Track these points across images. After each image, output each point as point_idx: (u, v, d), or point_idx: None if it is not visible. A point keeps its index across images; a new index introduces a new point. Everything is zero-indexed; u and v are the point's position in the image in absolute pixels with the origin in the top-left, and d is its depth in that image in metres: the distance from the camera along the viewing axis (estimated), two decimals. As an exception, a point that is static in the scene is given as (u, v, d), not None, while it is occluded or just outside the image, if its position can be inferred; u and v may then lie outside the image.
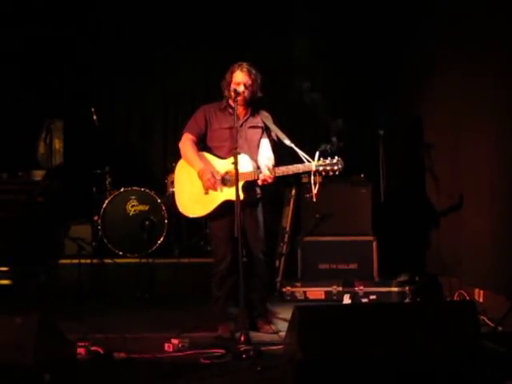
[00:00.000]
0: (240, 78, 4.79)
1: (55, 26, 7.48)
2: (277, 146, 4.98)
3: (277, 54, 7.58)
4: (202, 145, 4.95)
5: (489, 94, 5.23)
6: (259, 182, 4.69)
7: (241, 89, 4.74)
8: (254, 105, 4.92)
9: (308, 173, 4.76)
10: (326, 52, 7.58)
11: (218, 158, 4.82)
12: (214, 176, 4.71)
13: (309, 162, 4.65)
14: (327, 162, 4.62)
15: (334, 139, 6.41)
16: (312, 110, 6.81)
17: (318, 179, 4.67)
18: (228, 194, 4.69)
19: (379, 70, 7.47)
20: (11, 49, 7.37)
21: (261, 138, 4.92)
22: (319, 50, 7.54)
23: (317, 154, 4.64)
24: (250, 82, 4.79)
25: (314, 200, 4.74)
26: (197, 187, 4.78)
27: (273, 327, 4.90)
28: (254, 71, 4.82)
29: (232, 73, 4.83)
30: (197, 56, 7.79)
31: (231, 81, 4.81)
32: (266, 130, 4.94)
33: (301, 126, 7.55)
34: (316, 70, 7.41)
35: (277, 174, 4.65)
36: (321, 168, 4.61)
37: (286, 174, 4.67)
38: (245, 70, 4.80)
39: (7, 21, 7.32)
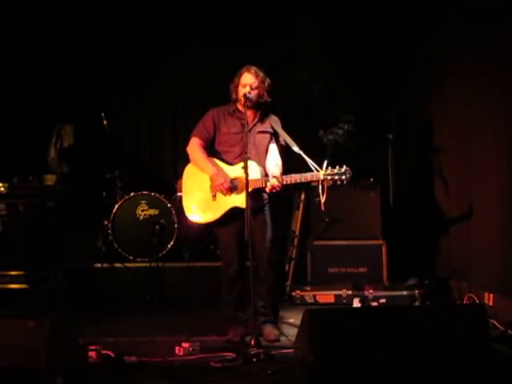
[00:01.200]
0: (246, 80, 4.78)
1: (65, 31, 7.53)
2: (285, 151, 4.96)
3: (288, 54, 7.62)
4: (210, 149, 4.92)
5: (499, 98, 5.23)
6: (267, 190, 4.66)
7: (246, 90, 4.73)
8: (263, 109, 4.91)
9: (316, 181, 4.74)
10: (336, 54, 7.62)
11: (226, 164, 4.81)
12: (226, 181, 4.71)
13: (317, 170, 4.59)
14: (335, 171, 4.55)
15: (343, 126, 6.41)
16: (320, 100, 6.84)
17: (326, 188, 4.64)
18: (235, 200, 4.68)
19: (389, 73, 7.48)
20: (22, 55, 7.43)
21: (269, 143, 4.90)
22: (329, 52, 7.59)
23: (325, 163, 4.58)
24: (256, 83, 4.77)
25: (323, 209, 4.71)
26: (205, 193, 4.78)
27: (275, 334, 4.77)
28: (261, 73, 4.81)
29: (240, 75, 4.83)
30: (207, 60, 7.81)
31: (239, 83, 4.82)
32: (275, 135, 4.92)
33: (309, 119, 7.60)
34: (326, 73, 7.46)
35: (284, 183, 4.61)
36: (329, 177, 4.55)
37: (293, 182, 4.64)
38: (252, 71, 4.80)
39: (18, 28, 7.38)
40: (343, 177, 4.55)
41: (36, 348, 3.51)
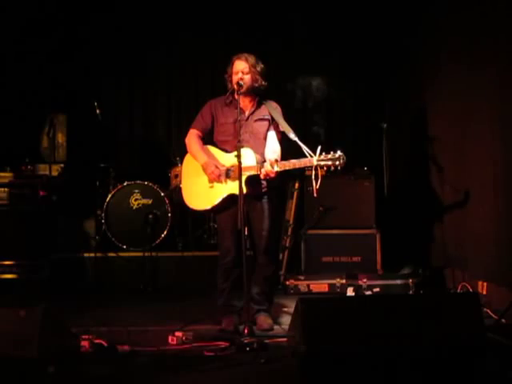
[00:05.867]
0: (237, 67, 4.75)
1: (58, 21, 7.48)
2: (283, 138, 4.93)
3: (279, 48, 7.57)
4: (210, 140, 4.91)
5: (493, 85, 5.21)
6: (261, 176, 4.64)
7: (238, 76, 4.71)
8: (261, 96, 4.87)
9: (310, 167, 4.69)
10: (330, 43, 7.59)
11: (224, 152, 4.81)
12: (217, 168, 4.70)
13: (311, 156, 4.54)
14: (329, 156, 4.50)
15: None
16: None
17: (320, 174, 4.58)
18: (232, 187, 4.67)
19: (383, 61, 7.47)
20: (15, 44, 7.38)
21: (268, 130, 4.87)
22: (323, 41, 7.56)
23: (318, 148, 4.53)
24: (247, 68, 4.73)
25: (315, 195, 4.66)
26: (203, 181, 4.78)
27: (268, 323, 4.79)
28: (251, 58, 4.77)
29: (232, 64, 4.81)
30: (201, 49, 7.77)
31: (232, 72, 4.79)
32: (273, 122, 4.88)
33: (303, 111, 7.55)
34: (319, 62, 7.44)
35: (279, 169, 4.59)
36: (322, 163, 4.50)
37: (287, 168, 4.60)
38: (242, 57, 4.77)
39: (10, 17, 7.33)
40: (337, 162, 4.48)
41: (28, 337, 3.51)
